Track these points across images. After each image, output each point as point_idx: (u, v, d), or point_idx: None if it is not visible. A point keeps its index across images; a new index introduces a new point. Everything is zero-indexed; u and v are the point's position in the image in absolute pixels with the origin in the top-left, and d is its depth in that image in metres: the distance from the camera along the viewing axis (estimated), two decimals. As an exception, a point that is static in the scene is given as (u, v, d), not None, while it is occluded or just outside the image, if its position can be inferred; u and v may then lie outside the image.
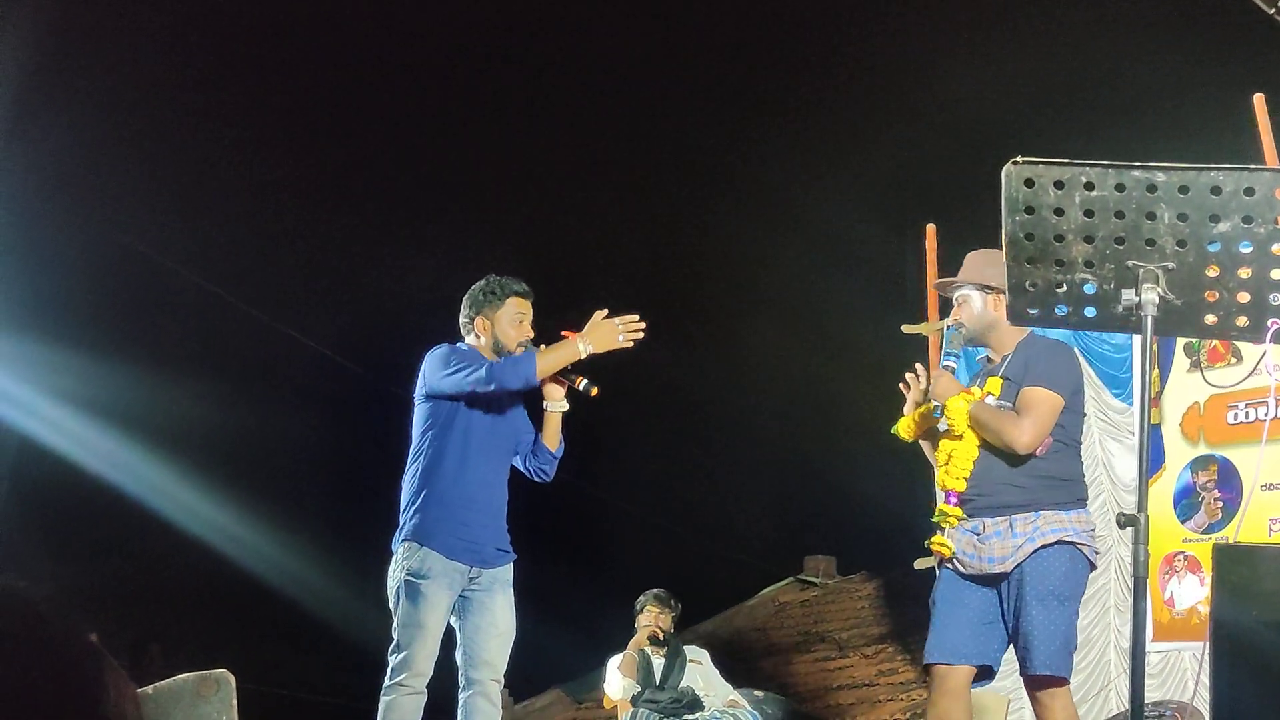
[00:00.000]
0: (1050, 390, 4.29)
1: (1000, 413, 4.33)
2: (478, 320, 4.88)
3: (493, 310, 4.86)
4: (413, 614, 4.57)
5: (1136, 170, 2.84)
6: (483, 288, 4.91)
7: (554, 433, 4.89)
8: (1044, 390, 4.28)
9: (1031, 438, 4.25)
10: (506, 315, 4.85)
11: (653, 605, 7.51)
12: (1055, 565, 4.23)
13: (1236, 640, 2.88)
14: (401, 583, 4.61)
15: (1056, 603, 4.22)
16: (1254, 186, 2.81)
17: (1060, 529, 4.24)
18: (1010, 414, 4.31)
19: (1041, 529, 4.25)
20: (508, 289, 4.88)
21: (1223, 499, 7.39)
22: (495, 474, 4.83)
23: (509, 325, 4.84)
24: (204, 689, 3.41)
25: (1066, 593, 4.24)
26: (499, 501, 4.84)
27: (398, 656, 4.57)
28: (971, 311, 4.60)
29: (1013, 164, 2.92)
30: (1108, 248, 2.92)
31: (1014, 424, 4.27)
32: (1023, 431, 4.24)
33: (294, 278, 14.57)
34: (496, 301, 4.86)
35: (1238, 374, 7.16)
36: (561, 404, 4.85)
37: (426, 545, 4.62)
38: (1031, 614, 4.22)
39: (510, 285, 4.90)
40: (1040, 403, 4.27)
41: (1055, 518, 4.25)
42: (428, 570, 4.59)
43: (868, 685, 10.33)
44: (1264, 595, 2.89)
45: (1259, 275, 2.90)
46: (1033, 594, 4.23)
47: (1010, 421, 4.28)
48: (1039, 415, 4.26)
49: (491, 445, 4.80)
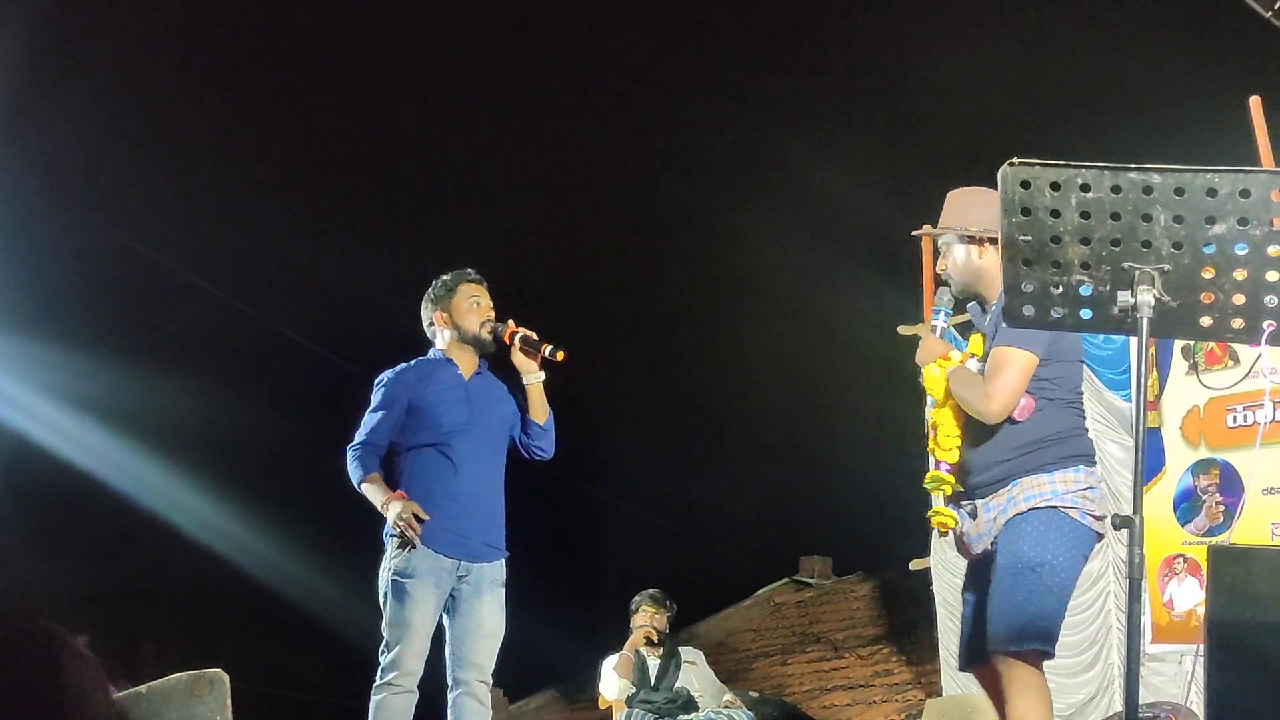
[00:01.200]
0: (1019, 348, 3.78)
1: (970, 379, 3.90)
2: (436, 315, 4.94)
3: (448, 302, 4.92)
4: (400, 613, 4.58)
5: (1132, 172, 2.84)
6: (434, 286, 5.00)
7: (538, 405, 4.89)
8: (1010, 349, 3.79)
9: (1000, 405, 3.78)
10: (462, 303, 4.90)
11: (648, 606, 7.51)
12: (1026, 530, 3.74)
13: (1232, 642, 2.88)
14: (389, 582, 4.63)
15: (1028, 570, 3.69)
16: (1250, 188, 2.81)
17: (1037, 494, 3.78)
18: (979, 379, 3.88)
19: (1016, 499, 3.81)
20: (456, 278, 4.96)
21: (1224, 503, 7.39)
22: (485, 467, 4.82)
23: (466, 312, 4.89)
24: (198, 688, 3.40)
25: (1039, 559, 3.69)
26: (489, 496, 4.83)
27: (387, 656, 4.58)
28: (955, 262, 4.14)
29: (1009, 165, 2.91)
30: (1104, 249, 2.92)
31: (979, 391, 3.83)
32: (989, 399, 3.79)
33: (287, 275, 14.56)
34: (448, 294, 4.93)
35: (1234, 376, 7.16)
36: (538, 374, 4.86)
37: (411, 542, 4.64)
38: (997, 586, 3.76)
39: (459, 275, 4.98)
40: (1006, 364, 3.79)
41: (1033, 483, 3.79)
42: (414, 569, 4.60)
43: (863, 686, 10.33)
44: (1260, 597, 2.89)
45: (1254, 277, 2.90)
46: (1002, 565, 3.77)
47: (976, 388, 3.85)
48: (1007, 379, 3.78)
49: (477, 437, 4.80)
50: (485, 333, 4.86)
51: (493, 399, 4.90)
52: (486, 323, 4.87)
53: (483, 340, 4.88)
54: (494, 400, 4.91)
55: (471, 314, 4.89)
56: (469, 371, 4.89)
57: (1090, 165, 2.87)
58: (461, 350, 4.90)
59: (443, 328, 4.93)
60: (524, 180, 15.53)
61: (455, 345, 4.91)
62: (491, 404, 4.89)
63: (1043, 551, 3.71)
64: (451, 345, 4.92)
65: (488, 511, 4.80)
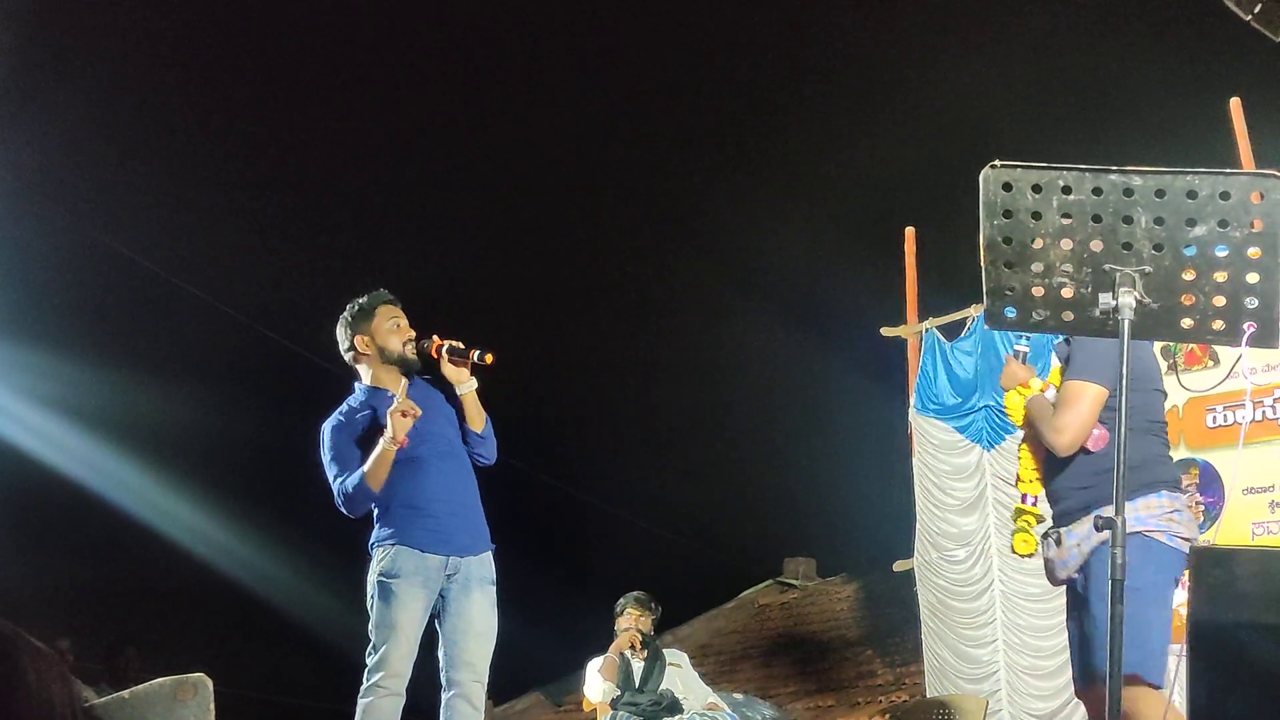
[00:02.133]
0: (1086, 381, 3.82)
1: (1045, 410, 3.93)
2: (357, 340, 4.86)
3: (367, 325, 4.85)
4: (386, 614, 4.55)
5: (1113, 174, 2.85)
6: (349, 311, 4.92)
7: (474, 413, 4.84)
8: (1078, 382, 3.84)
9: (1070, 438, 3.83)
10: (383, 325, 4.84)
11: (633, 608, 7.50)
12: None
13: (1214, 642, 2.89)
14: (375, 584, 4.61)
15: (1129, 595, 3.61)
16: (1230, 190, 2.82)
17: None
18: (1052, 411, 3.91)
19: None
20: (374, 301, 4.88)
21: (1204, 503, 7.41)
22: (455, 470, 4.80)
23: (388, 334, 4.83)
24: (181, 693, 3.38)
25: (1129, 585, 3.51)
26: (465, 494, 4.81)
27: (374, 658, 4.55)
28: None
29: (991, 168, 2.92)
30: (1085, 251, 2.93)
31: (1049, 424, 3.88)
32: (1058, 432, 3.85)
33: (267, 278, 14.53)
34: (367, 317, 4.86)
35: (1214, 377, 7.17)
36: (471, 383, 4.80)
37: (397, 543, 4.62)
38: (1094, 613, 3.77)
39: (375, 297, 4.91)
40: (1075, 397, 3.83)
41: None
42: (399, 569, 4.58)
43: (847, 687, 10.35)
44: (1242, 597, 2.90)
45: (1234, 279, 2.91)
46: (1095, 593, 3.77)
47: (1047, 420, 3.90)
48: (1076, 412, 3.82)
49: (434, 442, 4.76)
50: (410, 352, 4.80)
51: (434, 405, 4.84)
52: (409, 342, 4.81)
53: (408, 360, 4.81)
54: (435, 405, 4.84)
55: (393, 335, 4.82)
56: (401, 390, 4.77)
57: (1072, 167, 2.88)
58: (387, 372, 4.83)
59: (364, 350, 4.85)
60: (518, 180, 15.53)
61: (380, 370, 4.85)
62: (434, 410, 4.82)
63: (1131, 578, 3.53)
64: (376, 373, 4.86)
65: (468, 507, 4.79)
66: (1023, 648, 8.56)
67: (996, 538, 8.82)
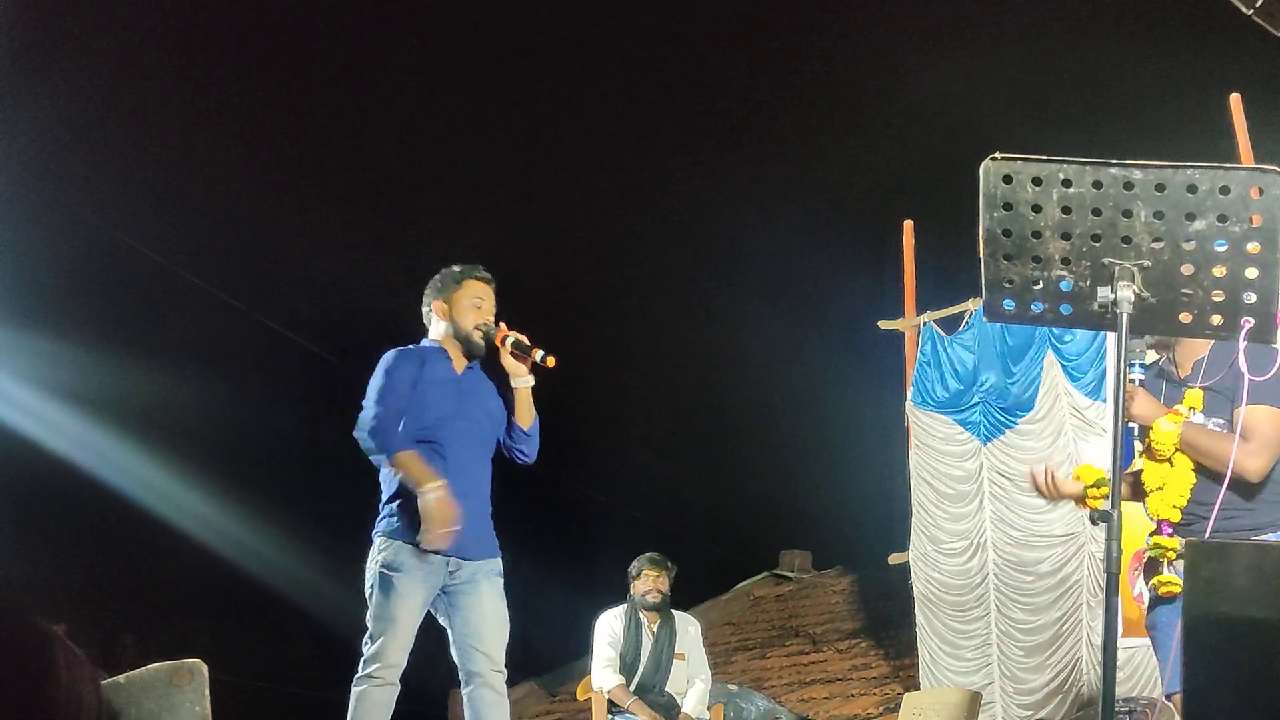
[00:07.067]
0: (1274, 407, 3.81)
1: (1219, 436, 3.86)
2: (436, 304, 4.85)
3: (450, 294, 4.83)
4: (385, 606, 4.53)
5: (1114, 168, 2.85)
6: (441, 274, 4.90)
7: (525, 409, 4.81)
8: (1267, 408, 3.81)
9: (1263, 462, 3.80)
10: (465, 299, 4.81)
11: (649, 569, 7.34)
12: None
13: (1209, 637, 2.89)
14: (376, 575, 4.59)
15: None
16: (1229, 185, 2.82)
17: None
18: (1230, 437, 3.80)
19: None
20: (466, 273, 4.85)
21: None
22: (473, 463, 4.75)
23: (467, 309, 4.80)
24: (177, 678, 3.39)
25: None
26: (478, 492, 4.75)
27: (370, 648, 4.54)
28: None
29: (991, 160, 2.92)
30: (1084, 245, 2.93)
31: (1242, 450, 3.75)
32: (1254, 456, 3.79)
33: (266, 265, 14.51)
34: (454, 285, 4.83)
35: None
36: (528, 379, 4.78)
37: (400, 539, 4.58)
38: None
39: (469, 270, 4.87)
40: (1265, 422, 3.81)
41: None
42: (400, 563, 4.55)
43: (841, 680, 10.35)
44: (1236, 591, 2.90)
45: (1233, 273, 2.91)
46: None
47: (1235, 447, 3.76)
48: (1269, 439, 3.81)
49: (465, 431, 4.73)
50: (477, 336, 4.77)
51: (482, 395, 4.83)
52: (481, 325, 4.78)
53: (473, 343, 4.78)
54: (483, 396, 4.83)
55: (470, 313, 4.78)
56: (461, 366, 4.80)
57: (1072, 160, 2.88)
58: (453, 345, 4.81)
59: (439, 316, 4.83)
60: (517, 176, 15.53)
61: (448, 338, 4.82)
62: (481, 399, 4.81)
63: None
64: (445, 337, 4.83)
65: (477, 509, 4.72)
66: (1015, 641, 8.57)
67: (993, 531, 8.83)
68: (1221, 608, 2.87)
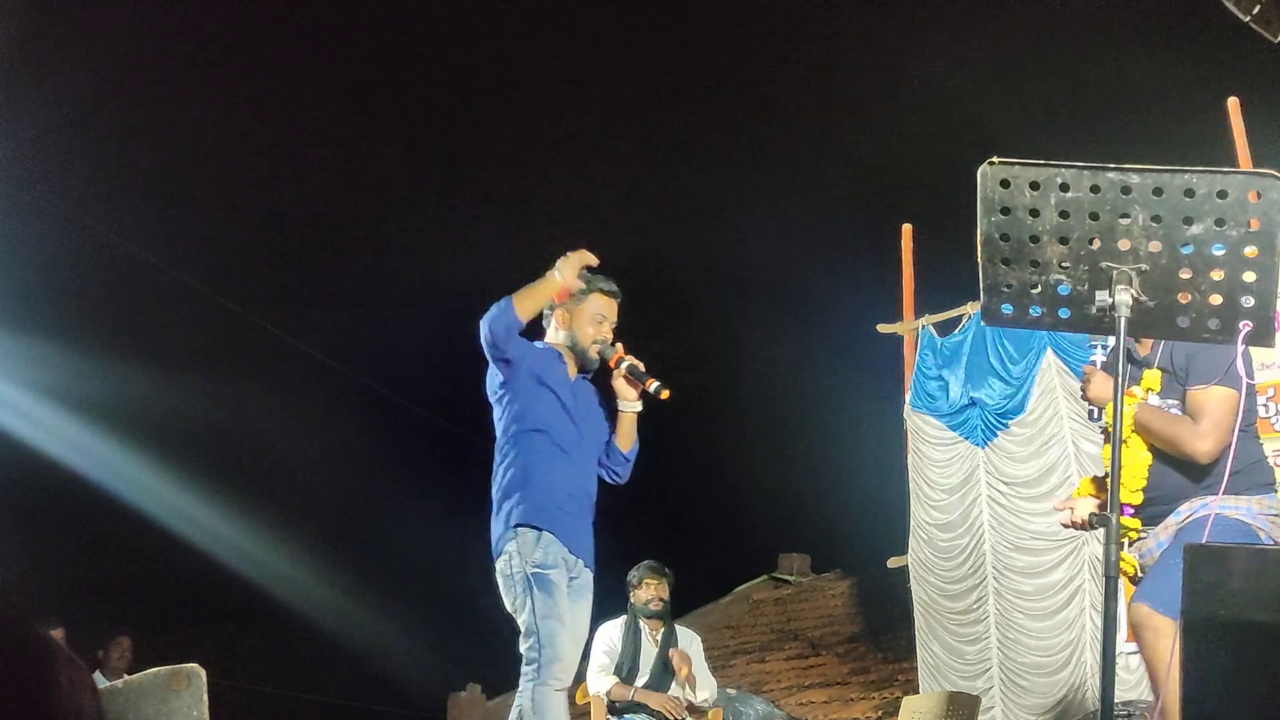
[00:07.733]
0: (1225, 387, 3.77)
1: (1172, 418, 3.86)
2: (557, 312, 4.68)
3: (574, 304, 4.66)
4: (550, 605, 4.32)
5: (1111, 172, 2.85)
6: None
7: (627, 433, 4.71)
8: (1218, 389, 3.78)
9: (1214, 443, 3.77)
10: (587, 311, 4.66)
11: (650, 578, 7.32)
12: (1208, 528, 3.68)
13: (1208, 640, 2.89)
14: (528, 575, 4.37)
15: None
16: (1227, 189, 2.82)
17: (1233, 505, 3.77)
18: (1183, 419, 3.83)
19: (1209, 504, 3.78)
20: (593, 285, 4.67)
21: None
22: (588, 468, 4.65)
23: (588, 323, 4.65)
24: (175, 683, 3.38)
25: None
26: (590, 498, 4.64)
27: (545, 651, 4.31)
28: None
29: (989, 164, 2.92)
30: (1082, 249, 2.93)
31: (1191, 431, 3.79)
32: (1202, 438, 3.77)
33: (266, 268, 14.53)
34: (579, 296, 4.64)
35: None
36: (635, 404, 4.67)
37: (546, 529, 4.40)
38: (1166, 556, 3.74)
39: (597, 281, 4.68)
40: (1217, 404, 3.78)
41: (1229, 499, 3.76)
42: (552, 559, 4.38)
43: (841, 683, 10.35)
44: (1235, 595, 2.90)
45: (1231, 278, 2.91)
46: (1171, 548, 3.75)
47: (1186, 428, 3.81)
48: (1218, 419, 3.78)
49: (582, 436, 4.61)
50: (594, 352, 4.64)
51: (593, 405, 4.72)
52: (599, 342, 4.64)
53: (588, 358, 4.65)
54: (593, 406, 4.72)
55: (590, 328, 4.64)
56: (573, 374, 4.67)
57: (1070, 165, 2.88)
58: (568, 354, 4.68)
59: (559, 326, 4.70)
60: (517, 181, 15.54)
61: (564, 348, 4.68)
62: (592, 409, 4.71)
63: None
64: (562, 345, 4.69)
65: (590, 514, 4.62)
66: (1016, 645, 8.57)
67: (990, 534, 8.83)
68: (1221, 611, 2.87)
